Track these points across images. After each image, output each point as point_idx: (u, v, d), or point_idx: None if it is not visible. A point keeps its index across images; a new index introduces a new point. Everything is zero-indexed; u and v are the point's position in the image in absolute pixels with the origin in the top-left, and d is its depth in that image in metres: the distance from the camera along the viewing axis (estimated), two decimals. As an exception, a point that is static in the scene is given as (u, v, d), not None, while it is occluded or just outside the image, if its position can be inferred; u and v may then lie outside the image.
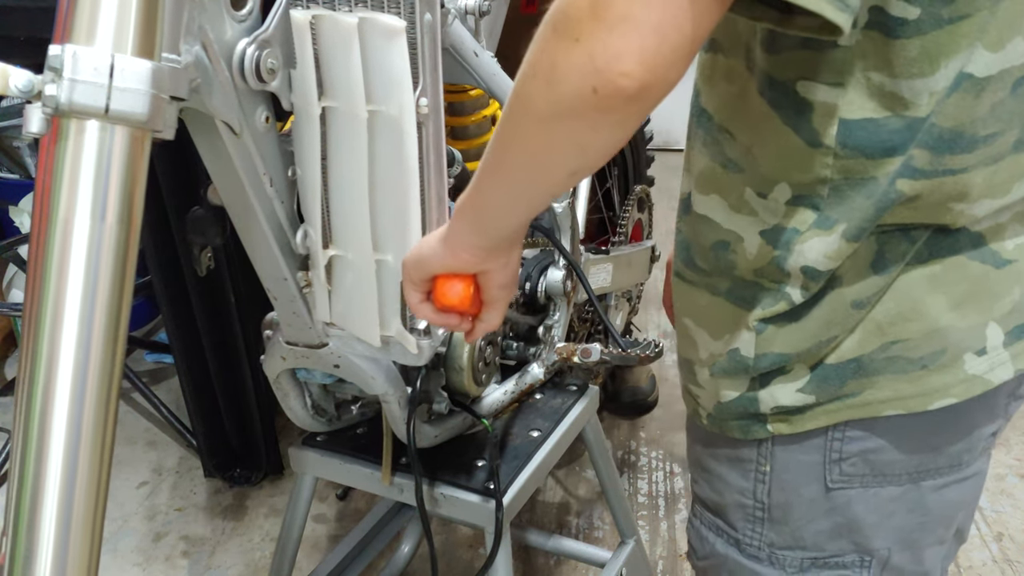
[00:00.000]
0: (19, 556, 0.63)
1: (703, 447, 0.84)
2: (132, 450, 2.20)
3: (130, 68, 0.64)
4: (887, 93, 0.64)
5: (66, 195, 0.64)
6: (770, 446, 0.77)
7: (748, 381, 0.75)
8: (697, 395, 0.81)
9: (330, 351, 1.03)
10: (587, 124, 0.57)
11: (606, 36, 0.52)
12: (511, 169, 0.65)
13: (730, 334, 0.75)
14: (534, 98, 0.58)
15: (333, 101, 0.87)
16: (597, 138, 0.59)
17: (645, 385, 2.23)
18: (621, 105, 0.54)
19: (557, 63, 0.55)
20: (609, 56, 0.52)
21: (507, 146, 0.64)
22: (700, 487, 0.87)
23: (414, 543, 1.70)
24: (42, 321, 0.64)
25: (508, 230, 0.71)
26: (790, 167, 0.68)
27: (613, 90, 0.53)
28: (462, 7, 1.08)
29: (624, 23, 0.51)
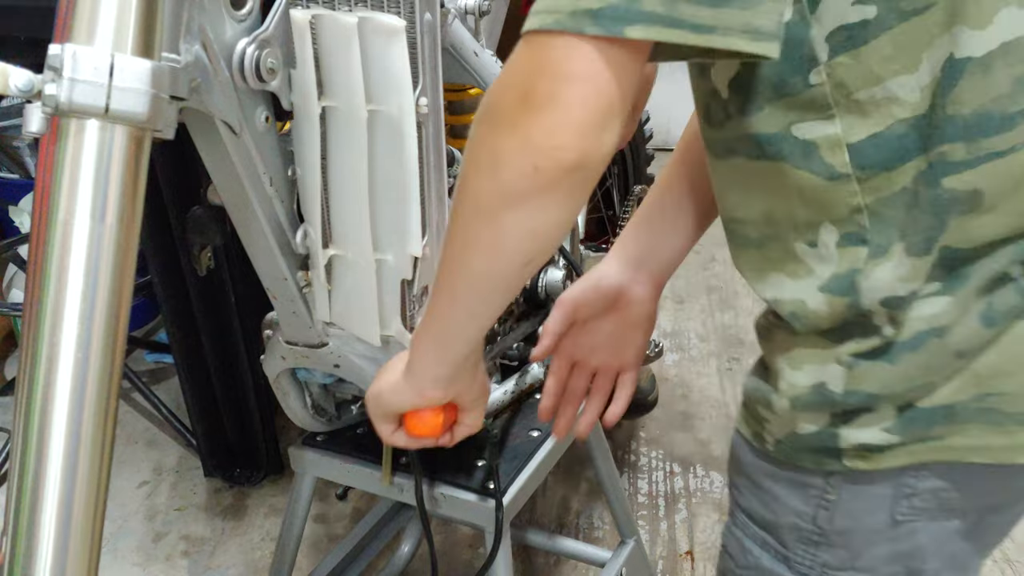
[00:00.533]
0: (19, 556, 0.63)
1: (759, 467, 0.80)
2: (132, 450, 2.20)
3: (130, 68, 0.64)
4: (880, 102, 0.63)
5: (66, 195, 0.64)
6: (840, 477, 0.74)
7: (830, 416, 0.72)
8: (766, 419, 0.77)
9: (330, 351, 1.03)
10: (535, 206, 0.60)
11: (537, 117, 0.56)
12: (466, 276, 0.68)
13: (817, 368, 0.72)
14: (480, 192, 0.62)
15: (333, 101, 0.87)
16: (547, 219, 0.61)
17: (645, 385, 2.23)
18: (563, 177, 0.58)
19: (496, 152, 0.59)
20: (544, 133, 0.56)
21: (459, 252, 0.67)
22: (748, 500, 0.83)
23: (414, 543, 1.70)
24: (42, 321, 0.64)
25: (470, 347, 0.75)
26: (823, 205, 0.67)
27: (553, 164, 0.57)
28: (462, 7, 1.08)
29: (551, 102, 0.56)
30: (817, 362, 0.72)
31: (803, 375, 0.73)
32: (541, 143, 0.57)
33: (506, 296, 0.70)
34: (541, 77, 0.56)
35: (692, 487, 2.03)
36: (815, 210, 0.68)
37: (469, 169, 0.63)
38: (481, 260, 0.66)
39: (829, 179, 0.66)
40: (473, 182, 0.63)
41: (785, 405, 0.74)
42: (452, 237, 0.68)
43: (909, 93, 0.63)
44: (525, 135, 0.57)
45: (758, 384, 0.78)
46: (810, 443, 0.74)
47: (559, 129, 0.56)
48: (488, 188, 0.61)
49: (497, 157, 0.59)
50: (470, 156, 0.62)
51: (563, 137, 0.57)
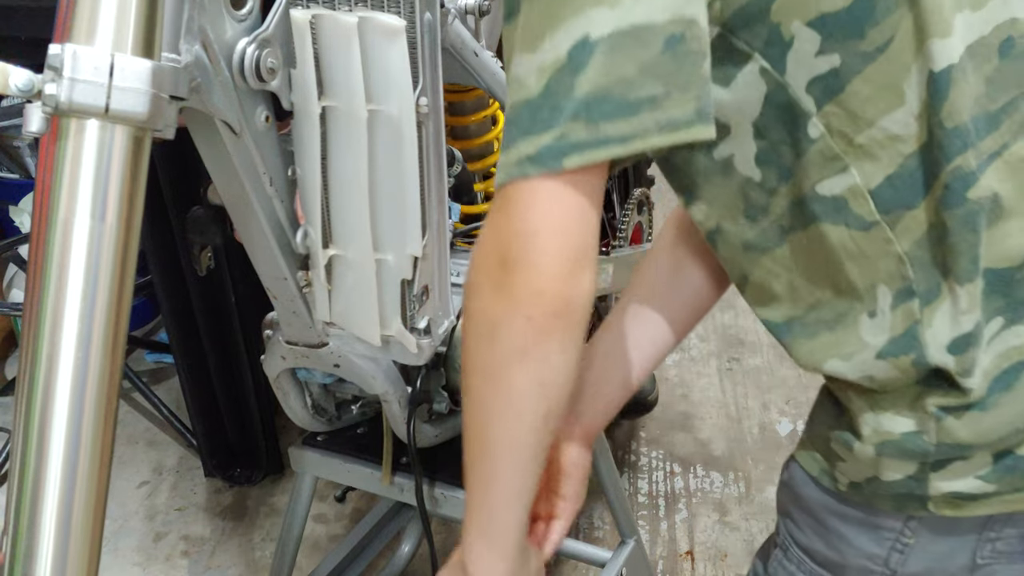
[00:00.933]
0: (19, 555, 0.63)
1: (825, 505, 0.77)
2: (132, 450, 2.20)
3: (130, 67, 0.64)
4: (882, 142, 0.64)
5: (66, 195, 0.63)
6: (921, 521, 0.72)
7: (919, 465, 0.70)
8: (841, 459, 0.74)
9: (330, 350, 1.03)
10: (537, 357, 0.63)
11: (516, 276, 0.61)
12: (494, 452, 0.69)
13: (905, 418, 0.70)
14: (484, 359, 0.65)
15: (333, 100, 0.87)
16: (551, 367, 0.64)
17: (645, 385, 2.23)
18: (554, 323, 0.62)
19: (489, 316, 0.63)
20: (525, 289, 0.61)
21: (480, 430, 0.69)
22: (807, 538, 0.80)
23: (414, 543, 1.70)
24: (42, 321, 0.64)
25: (520, 530, 0.74)
26: (869, 261, 0.67)
27: (540, 312, 0.61)
28: (462, 7, 1.08)
29: (524, 259, 0.61)
30: (905, 412, 0.70)
31: (890, 422, 0.70)
32: (525, 297, 0.61)
33: (537, 458, 0.70)
34: (510, 238, 0.61)
35: (692, 487, 2.03)
36: (865, 269, 0.68)
37: (470, 340, 0.66)
38: (502, 428, 0.68)
39: (864, 230, 0.66)
40: (475, 352, 0.66)
41: (869, 452, 0.71)
42: (470, 418, 0.70)
43: (905, 127, 0.64)
44: (509, 294, 0.62)
45: (831, 422, 0.75)
46: (895, 490, 0.71)
47: (537, 281, 0.61)
48: (490, 353, 0.65)
49: (491, 321, 0.63)
50: (468, 327, 0.66)
51: (543, 286, 0.61)
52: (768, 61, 0.65)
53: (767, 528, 1.90)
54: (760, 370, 2.43)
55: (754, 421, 2.24)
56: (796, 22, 0.63)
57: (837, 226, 0.67)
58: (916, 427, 0.69)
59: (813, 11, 0.63)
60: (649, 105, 0.59)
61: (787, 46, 0.64)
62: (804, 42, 0.64)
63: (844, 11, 0.63)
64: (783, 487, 0.83)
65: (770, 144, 0.68)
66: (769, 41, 0.64)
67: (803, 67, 0.64)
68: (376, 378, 1.05)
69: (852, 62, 0.63)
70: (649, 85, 0.58)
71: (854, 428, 0.72)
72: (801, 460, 0.79)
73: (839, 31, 0.63)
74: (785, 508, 0.83)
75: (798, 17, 0.63)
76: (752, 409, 2.29)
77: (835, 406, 0.75)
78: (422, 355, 1.01)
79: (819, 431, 0.77)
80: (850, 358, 0.70)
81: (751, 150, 0.69)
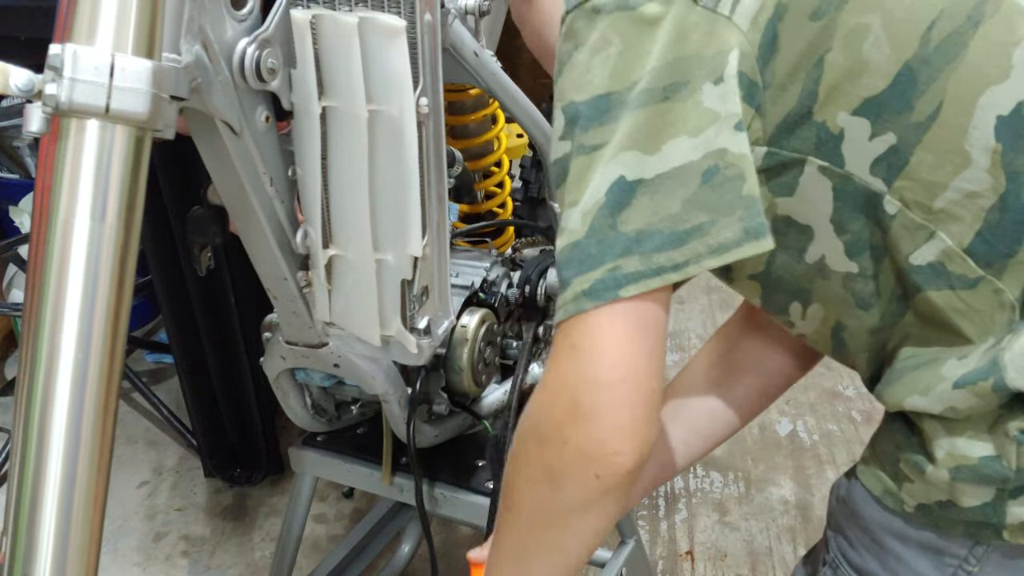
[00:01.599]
0: (19, 555, 0.63)
1: (886, 526, 0.76)
2: (132, 450, 2.20)
3: (130, 67, 0.63)
4: (961, 202, 0.65)
5: (66, 195, 0.63)
6: (988, 549, 0.71)
7: (996, 491, 0.68)
8: (910, 481, 0.73)
9: (330, 351, 1.03)
10: (599, 508, 0.64)
11: (588, 430, 0.61)
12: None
13: (983, 440, 0.68)
14: (542, 504, 0.65)
15: (333, 101, 0.87)
16: (610, 515, 0.65)
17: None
18: (625, 480, 0.62)
19: (552, 467, 0.63)
20: (597, 445, 0.61)
21: (521, 559, 0.70)
22: (861, 557, 0.79)
23: (414, 543, 1.70)
24: (42, 321, 0.64)
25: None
26: (983, 318, 0.67)
27: (612, 471, 0.61)
28: (462, 7, 1.08)
29: (596, 413, 0.60)
30: (984, 436, 0.69)
31: (967, 446, 0.69)
32: (597, 454, 0.61)
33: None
34: (580, 385, 0.61)
35: (692, 487, 2.03)
36: (978, 324, 0.67)
37: (522, 482, 0.67)
38: (547, 562, 0.69)
39: (971, 288, 0.66)
40: (531, 495, 0.66)
41: (943, 476, 0.70)
42: (508, 547, 0.71)
43: (979, 183, 0.64)
44: (578, 449, 0.61)
45: (901, 441, 0.74)
46: (969, 516, 0.70)
47: (611, 438, 0.61)
48: (550, 499, 0.65)
49: (554, 471, 0.63)
50: (521, 470, 0.66)
51: (617, 444, 0.61)
52: (824, 159, 0.67)
53: (767, 528, 1.90)
54: (760, 370, 2.42)
55: (754, 421, 2.23)
56: (841, 114, 0.65)
57: (942, 291, 0.67)
58: (995, 451, 0.68)
59: (856, 99, 0.65)
60: (698, 233, 0.61)
61: (839, 139, 0.66)
62: (855, 131, 0.65)
63: (887, 90, 0.64)
64: (839, 503, 0.81)
65: (853, 236, 0.69)
66: (820, 141, 0.66)
67: (861, 154, 0.66)
68: (376, 378, 1.05)
69: (908, 135, 0.64)
70: (694, 216, 0.60)
71: (927, 451, 0.71)
72: (863, 478, 0.77)
73: (887, 110, 0.64)
74: (839, 525, 0.81)
75: (842, 109, 0.65)
76: (752, 409, 2.28)
77: (907, 426, 0.74)
78: (422, 355, 1.00)
79: (886, 450, 0.76)
80: (928, 392, 0.69)
81: (839, 246, 0.71)
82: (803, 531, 1.88)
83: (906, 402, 0.71)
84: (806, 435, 2.18)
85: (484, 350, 1.17)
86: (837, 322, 0.76)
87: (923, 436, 0.71)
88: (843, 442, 2.13)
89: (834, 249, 0.71)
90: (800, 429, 2.20)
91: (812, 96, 0.65)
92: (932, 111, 0.63)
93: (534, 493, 0.66)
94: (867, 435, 2.33)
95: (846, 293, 0.73)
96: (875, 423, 0.79)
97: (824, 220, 0.69)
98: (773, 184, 0.69)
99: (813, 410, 2.26)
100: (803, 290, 0.75)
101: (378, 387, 1.06)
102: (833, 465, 2.05)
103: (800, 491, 1.99)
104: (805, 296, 0.76)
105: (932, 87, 0.63)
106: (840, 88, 0.65)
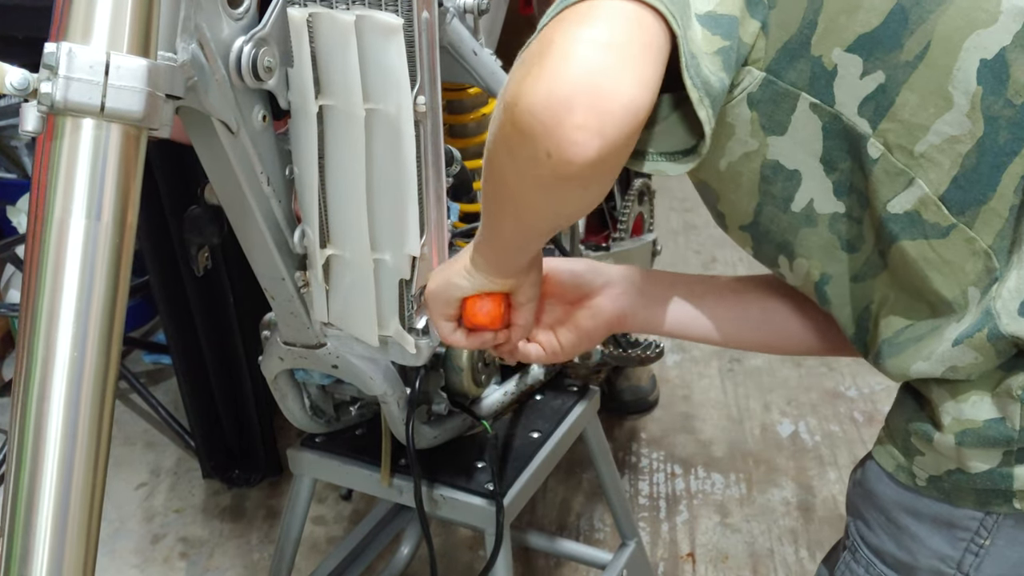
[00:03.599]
0: (15, 557, 0.62)
1: (899, 502, 0.76)
2: (130, 451, 2.20)
3: (126, 66, 0.63)
4: (940, 147, 0.66)
5: (61, 194, 0.63)
6: (999, 519, 0.71)
7: (1003, 455, 0.69)
8: (920, 453, 0.73)
9: (328, 351, 1.03)
10: (555, 192, 0.62)
11: (555, 91, 0.56)
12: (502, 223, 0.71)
13: (988, 402, 0.69)
14: (502, 172, 0.65)
15: (330, 99, 0.87)
16: (564, 203, 0.64)
17: (646, 385, 2.22)
18: (577, 171, 0.58)
19: (510, 135, 0.60)
20: (561, 108, 0.56)
21: (494, 226, 0.72)
22: (878, 538, 0.79)
23: (413, 545, 1.69)
24: (38, 320, 0.63)
25: (524, 261, 0.78)
26: (955, 270, 0.68)
27: (565, 153, 0.56)
28: (461, 5, 1.08)
29: (573, 73, 0.55)
30: (988, 396, 0.69)
31: (972, 409, 0.69)
32: (552, 124, 0.57)
33: (541, 237, 0.74)
34: (571, 42, 0.56)
35: (693, 489, 2.03)
36: (951, 277, 0.68)
37: (491, 146, 0.65)
38: (510, 229, 0.71)
39: (943, 236, 0.67)
40: (495, 161, 0.65)
41: (949, 442, 0.70)
42: (483, 214, 0.72)
43: (959, 127, 0.65)
44: (535, 109, 0.57)
45: (911, 415, 0.75)
46: (978, 483, 0.70)
47: (577, 112, 0.56)
48: (508, 169, 0.64)
49: (510, 140, 0.60)
50: (492, 133, 0.64)
51: (581, 119, 0.57)
52: (816, 96, 0.68)
53: (768, 530, 1.89)
54: (761, 371, 2.42)
55: (755, 422, 2.24)
56: (836, 50, 0.66)
57: (915, 240, 0.68)
58: (998, 413, 0.68)
59: (850, 36, 0.66)
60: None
61: (831, 76, 0.67)
62: (847, 67, 0.66)
63: (880, 28, 0.65)
64: (855, 486, 0.82)
65: (842, 175, 0.70)
66: (813, 76, 0.67)
67: (850, 93, 0.67)
68: (374, 379, 1.05)
69: (896, 74, 0.65)
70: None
71: (934, 419, 0.72)
72: (877, 456, 0.78)
73: (878, 48, 0.65)
74: (856, 508, 0.82)
75: (837, 45, 0.66)
76: (753, 410, 2.28)
77: (915, 399, 0.75)
78: (420, 356, 1.00)
79: (898, 425, 0.76)
80: (930, 357, 0.70)
81: (828, 186, 0.71)
82: (805, 532, 1.88)
83: (911, 369, 0.71)
84: (808, 436, 2.17)
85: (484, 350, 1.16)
86: (821, 274, 0.76)
87: (931, 406, 0.72)
88: (845, 443, 2.13)
89: (823, 190, 0.71)
90: (802, 430, 2.19)
91: (812, 26, 0.66)
92: (920, 51, 0.64)
93: (496, 157, 0.64)
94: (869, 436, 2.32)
95: (832, 236, 0.73)
96: (877, 424, 0.79)
97: (814, 160, 0.70)
98: (766, 120, 0.69)
99: (815, 411, 2.26)
100: (788, 243, 0.76)
101: (376, 388, 1.05)
102: (835, 466, 2.05)
103: (802, 492, 1.99)
104: (789, 250, 0.76)
105: (922, 27, 0.64)
106: (837, 22, 0.66)
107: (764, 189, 0.73)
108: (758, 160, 0.72)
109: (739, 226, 0.79)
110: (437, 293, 0.82)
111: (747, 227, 0.78)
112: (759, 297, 0.90)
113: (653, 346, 1.49)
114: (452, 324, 0.83)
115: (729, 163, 0.73)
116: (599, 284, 0.89)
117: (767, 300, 0.89)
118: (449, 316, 0.83)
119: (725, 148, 0.72)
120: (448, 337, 0.84)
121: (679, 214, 3.30)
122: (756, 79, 0.68)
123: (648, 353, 1.48)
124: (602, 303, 0.89)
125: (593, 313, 0.89)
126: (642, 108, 0.56)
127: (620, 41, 0.55)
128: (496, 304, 0.81)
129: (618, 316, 0.89)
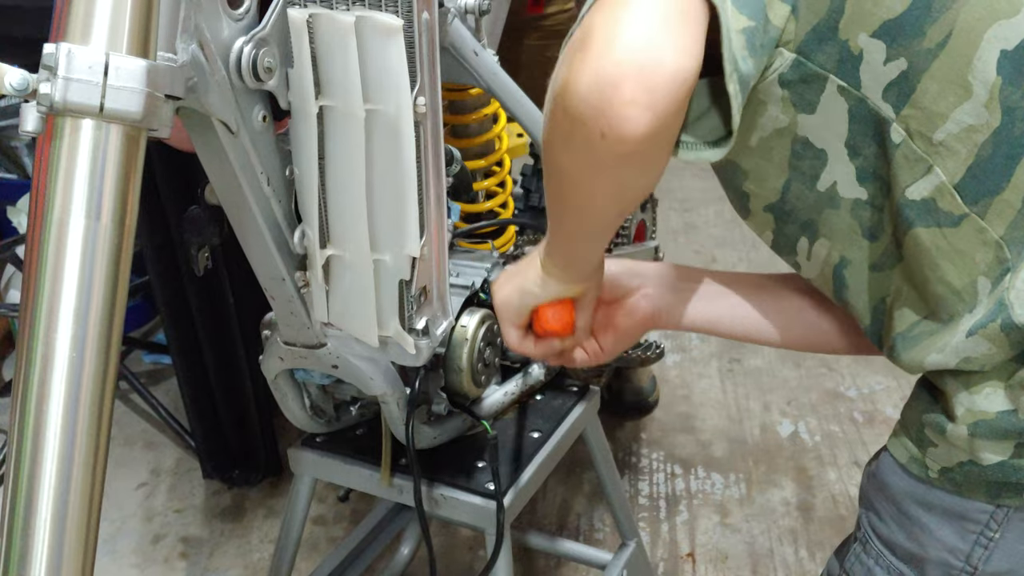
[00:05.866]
0: (14, 557, 0.62)
1: (911, 494, 0.76)
2: (130, 451, 2.20)
3: (125, 66, 0.63)
4: (959, 136, 0.66)
5: (61, 194, 0.63)
6: (1009, 513, 0.71)
7: (1015, 447, 0.69)
8: (933, 445, 0.74)
9: (328, 351, 1.03)
10: (611, 172, 0.64)
11: (606, 70, 0.58)
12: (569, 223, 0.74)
13: (1002, 393, 0.69)
14: (561, 161, 0.67)
15: (330, 100, 0.87)
16: (621, 185, 0.66)
17: (646, 385, 2.23)
18: (631, 148, 0.60)
19: (562, 123, 0.62)
20: (611, 87, 0.58)
21: (560, 216, 0.74)
22: (889, 529, 0.79)
23: (413, 545, 1.69)
24: (37, 320, 0.63)
25: (596, 261, 0.82)
26: (965, 260, 0.68)
27: (618, 130, 0.59)
28: (461, 6, 1.08)
29: (626, 51, 0.57)
30: (1001, 388, 0.69)
31: (985, 400, 0.69)
32: (602, 104, 0.59)
33: (608, 230, 0.76)
34: (623, 20, 0.58)
35: (693, 489, 2.03)
36: (961, 266, 0.69)
37: (547, 139, 0.68)
38: (574, 219, 0.73)
39: (955, 225, 0.68)
40: (552, 152, 0.67)
41: (963, 432, 0.70)
42: (549, 208, 0.74)
43: (977, 116, 0.65)
44: (588, 92, 0.60)
45: (925, 407, 0.75)
46: (990, 475, 0.70)
47: (627, 88, 0.58)
48: (565, 157, 0.66)
49: (563, 128, 0.63)
50: (545, 126, 0.67)
51: (631, 94, 0.59)
52: (843, 79, 0.68)
53: (768, 530, 1.89)
54: (761, 371, 2.42)
55: (755, 422, 2.24)
56: (862, 35, 0.67)
57: (929, 227, 0.69)
58: (1011, 405, 0.69)
59: (875, 21, 0.66)
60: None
61: (858, 60, 0.68)
62: (872, 53, 0.67)
63: (904, 14, 0.65)
64: (869, 478, 0.82)
65: (865, 160, 0.71)
66: (841, 59, 0.68)
67: (875, 78, 0.67)
68: (374, 379, 1.05)
69: (918, 62, 0.66)
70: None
71: (948, 410, 0.72)
72: (891, 448, 0.79)
73: (902, 35, 0.66)
74: (868, 499, 0.82)
75: (863, 30, 0.67)
76: (753, 410, 2.28)
77: (930, 392, 0.76)
78: (420, 356, 1.00)
79: (912, 417, 0.77)
80: (944, 348, 0.70)
81: (851, 171, 0.72)
82: (804, 532, 1.88)
83: (927, 361, 0.72)
84: (808, 436, 2.17)
85: (484, 350, 1.16)
86: (841, 258, 0.77)
87: (944, 397, 0.73)
88: (845, 443, 2.13)
89: (846, 174, 0.72)
90: (802, 430, 2.19)
91: (840, 10, 0.67)
92: (942, 39, 0.65)
93: (553, 150, 0.66)
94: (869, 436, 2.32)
95: (854, 222, 0.74)
96: (877, 424, 0.80)
97: (839, 143, 0.71)
98: (797, 98, 0.70)
99: (815, 411, 2.26)
100: (811, 222, 0.77)
101: (376, 388, 1.05)
102: (835, 466, 2.05)
103: (802, 492, 1.99)
104: (812, 229, 0.77)
105: (945, 15, 0.65)
106: (863, 7, 0.67)
107: (794, 164, 0.74)
108: (789, 136, 0.73)
109: (764, 206, 0.79)
110: (508, 302, 0.84)
111: (772, 206, 0.78)
112: (789, 294, 0.91)
113: (654, 347, 1.49)
114: (521, 332, 0.86)
115: (760, 138, 0.74)
116: (635, 285, 0.91)
117: (796, 297, 0.90)
118: (520, 324, 0.85)
119: (756, 124, 0.73)
120: (518, 346, 0.87)
121: (679, 214, 3.30)
122: (787, 60, 0.69)
123: (649, 354, 1.48)
124: (638, 302, 0.90)
125: (629, 312, 0.90)
126: (689, 75, 0.58)
127: (659, 15, 0.57)
128: (568, 311, 0.83)
129: (653, 314, 0.91)
